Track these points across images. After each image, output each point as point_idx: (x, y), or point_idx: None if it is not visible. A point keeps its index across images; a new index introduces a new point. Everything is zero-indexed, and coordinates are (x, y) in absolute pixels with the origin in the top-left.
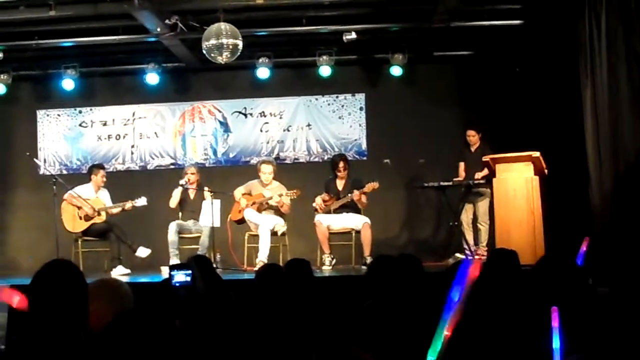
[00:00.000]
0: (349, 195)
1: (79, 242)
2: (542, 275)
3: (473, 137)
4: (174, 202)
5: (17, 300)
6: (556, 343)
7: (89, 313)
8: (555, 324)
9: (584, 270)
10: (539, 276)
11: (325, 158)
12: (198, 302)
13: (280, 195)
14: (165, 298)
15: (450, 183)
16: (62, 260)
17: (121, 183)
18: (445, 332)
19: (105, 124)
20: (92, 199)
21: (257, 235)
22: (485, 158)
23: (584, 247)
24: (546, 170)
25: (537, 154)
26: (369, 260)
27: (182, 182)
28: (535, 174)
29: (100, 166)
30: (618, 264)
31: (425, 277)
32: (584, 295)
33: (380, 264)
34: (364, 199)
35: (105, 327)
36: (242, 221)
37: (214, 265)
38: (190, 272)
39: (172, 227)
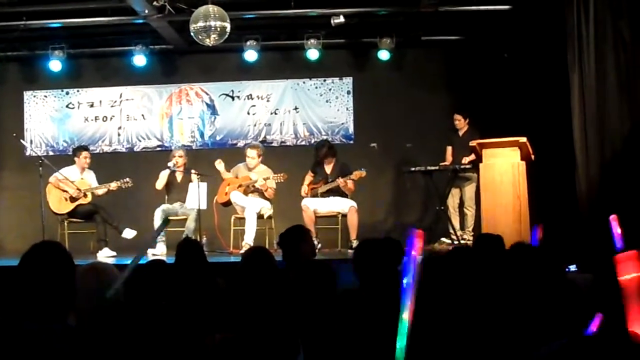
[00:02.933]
0: (337, 180)
1: (65, 224)
2: (514, 260)
3: (460, 122)
4: (160, 184)
5: None
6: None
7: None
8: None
9: (560, 257)
10: (511, 261)
11: (312, 141)
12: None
13: (267, 179)
14: (152, 280)
15: (437, 167)
16: (50, 242)
17: (108, 165)
18: (405, 316)
19: (92, 106)
20: (77, 181)
21: (243, 218)
22: (472, 143)
23: (538, 234)
24: (533, 156)
25: (524, 139)
26: (354, 244)
27: (170, 164)
28: (521, 159)
29: (83, 148)
30: (603, 250)
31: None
32: (557, 282)
33: (366, 247)
34: (350, 184)
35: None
36: (228, 203)
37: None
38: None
39: (158, 213)
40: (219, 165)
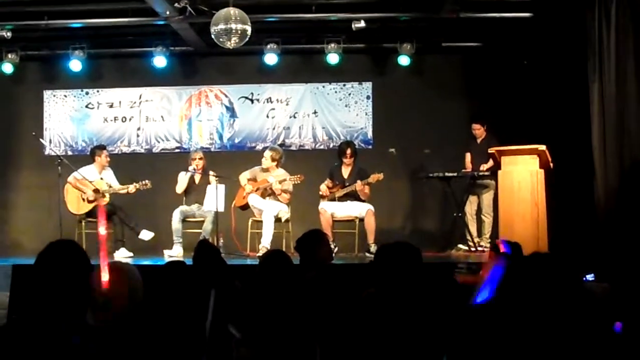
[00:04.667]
0: (354, 184)
1: (83, 224)
2: (532, 269)
3: (478, 130)
4: (180, 188)
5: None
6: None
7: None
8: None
9: (578, 265)
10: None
11: (331, 146)
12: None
13: (283, 181)
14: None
15: (455, 174)
16: (66, 240)
17: (126, 165)
18: None
19: (111, 106)
20: (96, 180)
21: (260, 221)
22: (491, 150)
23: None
24: (551, 164)
25: (543, 147)
26: (372, 247)
27: (190, 168)
28: (540, 167)
29: (102, 147)
30: (620, 259)
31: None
32: (574, 291)
33: (387, 252)
34: (367, 189)
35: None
36: (246, 207)
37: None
38: None
39: (176, 215)
40: (243, 179)
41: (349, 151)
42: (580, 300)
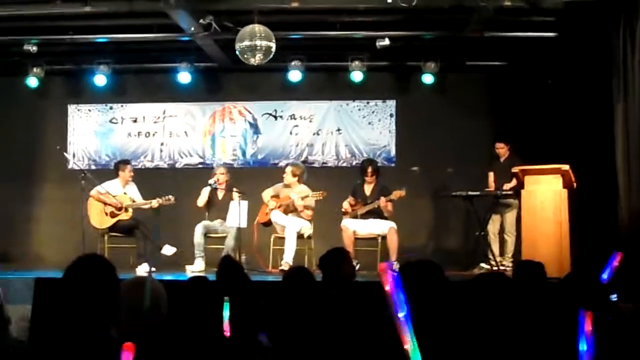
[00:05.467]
0: (376, 201)
1: (105, 238)
2: (567, 290)
3: (502, 150)
4: (201, 201)
5: None
6: (583, 346)
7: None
8: (586, 327)
9: (608, 285)
10: (565, 291)
11: (354, 163)
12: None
13: (305, 197)
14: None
15: (478, 193)
16: (94, 255)
17: (149, 181)
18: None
19: (135, 121)
20: (119, 195)
21: (283, 238)
22: (515, 169)
23: (615, 263)
24: (575, 184)
25: (566, 167)
26: (395, 265)
27: (211, 181)
28: (564, 187)
29: (126, 162)
30: None
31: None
32: (606, 311)
33: (410, 270)
34: (390, 206)
35: None
36: (268, 223)
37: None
38: None
39: (199, 229)
40: (267, 196)
41: (370, 169)
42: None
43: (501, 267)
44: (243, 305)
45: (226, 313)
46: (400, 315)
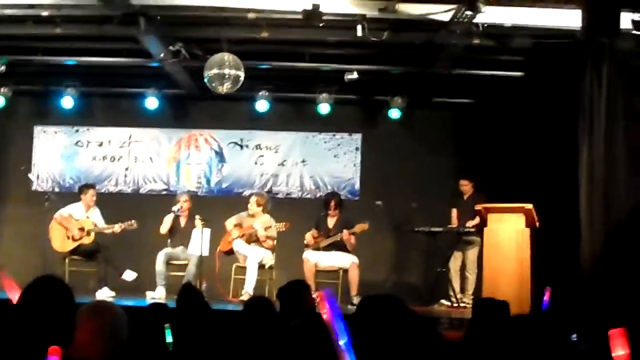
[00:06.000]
0: (339, 234)
1: (67, 261)
2: (528, 330)
3: (465, 186)
4: (164, 228)
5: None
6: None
7: (80, 335)
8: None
9: (567, 326)
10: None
11: (318, 195)
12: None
13: (268, 228)
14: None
15: (441, 229)
16: (52, 277)
17: (112, 205)
18: None
19: (101, 145)
20: (82, 219)
21: (244, 267)
22: (478, 207)
23: (546, 297)
24: (538, 223)
25: (529, 206)
26: (355, 299)
27: (174, 208)
28: (526, 226)
29: (89, 186)
30: (602, 321)
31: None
32: (566, 351)
33: (370, 303)
34: (352, 239)
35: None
36: (230, 252)
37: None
38: None
39: (160, 257)
40: (230, 224)
41: (333, 203)
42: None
43: (461, 304)
44: (202, 333)
45: (168, 339)
46: (341, 342)
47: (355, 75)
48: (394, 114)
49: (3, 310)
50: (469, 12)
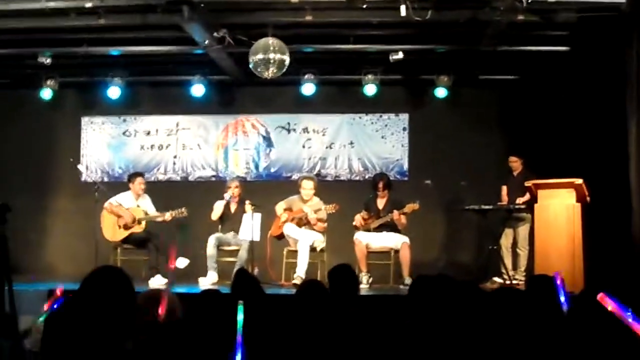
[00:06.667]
0: (389, 215)
1: (118, 250)
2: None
3: (515, 163)
4: (215, 215)
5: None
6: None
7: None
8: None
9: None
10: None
11: (367, 177)
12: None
13: (318, 210)
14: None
15: (491, 206)
16: (111, 267)
17: (162, 193)
18: None
19: (148, 134)
20: (132, 208)
21: (295, 251)
22: (528, 183)
23: (561, 284)
24: (588, 198)
25: (579, 181)
26: (407, 280)
27: (226, 196)
28: (577, 201)
29: (138, 174)
30: None
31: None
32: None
33: (422, 284)
34: (403, 219)
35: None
36: (281, 236)
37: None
38: None
39: (211, 241)
40: (280, 209)
41: (381, 184)
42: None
43: (514, 281)
44: (257, 318)
45: (240, 317)
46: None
47: (400, 56)
48: (440, 92)
49: (67, 301)
50: None
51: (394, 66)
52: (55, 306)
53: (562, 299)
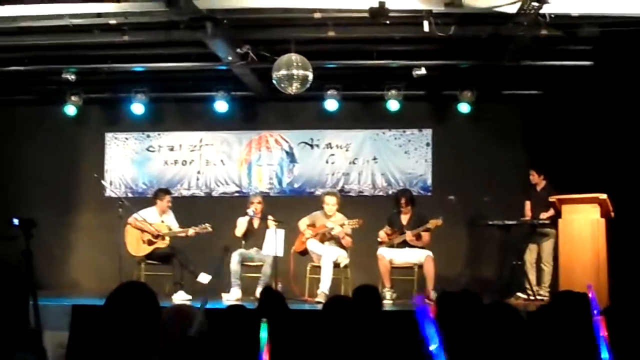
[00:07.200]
0: (402, 235)
1: (142, 266)
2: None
3: (534, 177)
4: (239, 231)
5: None
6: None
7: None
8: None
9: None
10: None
11: (390, 192)
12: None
13: (342, 225)
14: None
15: (515, 222)
16: (136, 282)
17: (185, 209)
18: None
19: (172, 149)
20: (156, 223)
21: (319, 267)
22: (552, 198)
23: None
24: (612, 213)
25: (604, 196)
26: (432, 294)
27: (249, 212)
28: (601, 216)
29: (166, 191)
30: None
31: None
32: None
33: (448, 300)
34: (426, 237)
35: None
36: (305, 252)
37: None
38: None
39: (235, 257)
40: (303, 224)
41: (403, 200)
42: None
43: (538, 297)
44: (283, 334)
45: (264, 335)
46: (432, 348)
47: (423, 71)
48: (464, 108)
49: (92, 316)
50: (535, 3)
51: (417, 81)
52: None
53: (595, 312)
